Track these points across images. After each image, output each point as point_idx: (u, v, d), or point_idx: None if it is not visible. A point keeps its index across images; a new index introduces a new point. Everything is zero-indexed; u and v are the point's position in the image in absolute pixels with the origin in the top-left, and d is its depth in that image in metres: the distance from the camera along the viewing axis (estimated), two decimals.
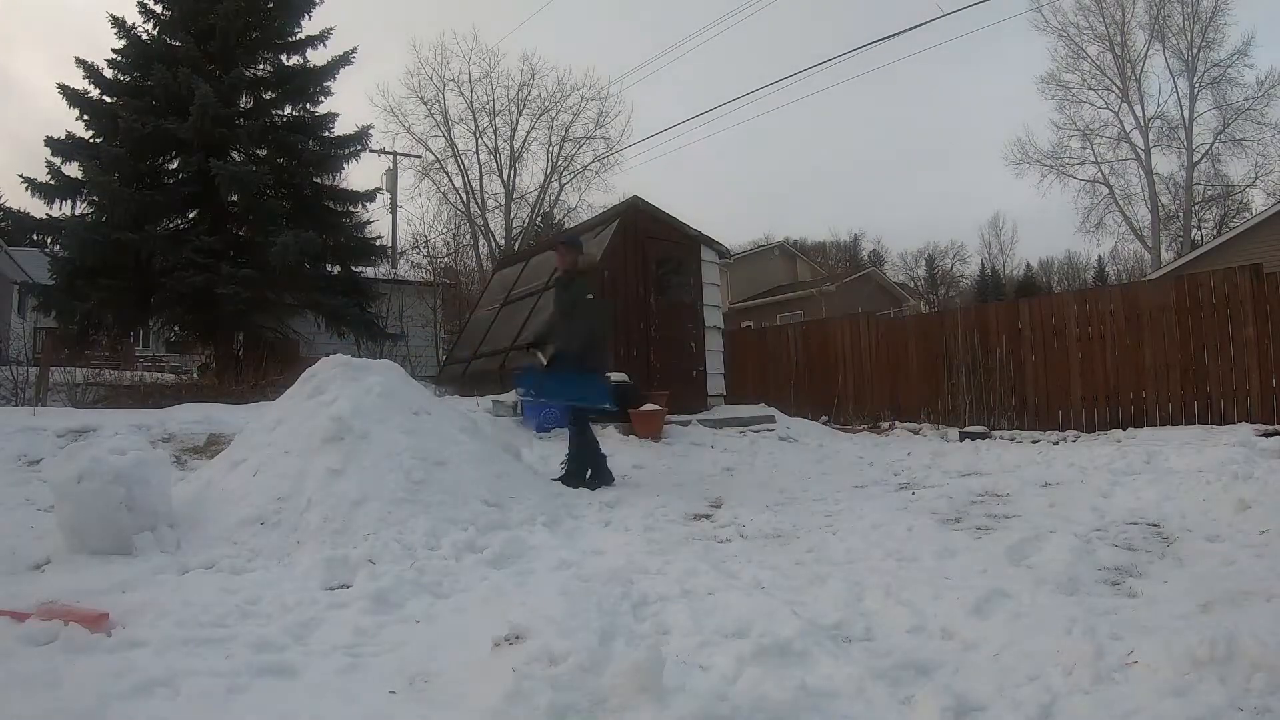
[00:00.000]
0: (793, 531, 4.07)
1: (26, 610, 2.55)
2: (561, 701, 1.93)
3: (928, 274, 53.52)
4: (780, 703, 1.98)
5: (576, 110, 26.20)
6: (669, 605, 2.79)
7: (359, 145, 12.97)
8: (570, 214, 26.29)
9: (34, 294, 12.52)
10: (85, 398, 8.54)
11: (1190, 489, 4.71)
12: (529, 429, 7.34)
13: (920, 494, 5.28)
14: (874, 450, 7.91)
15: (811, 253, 44.90)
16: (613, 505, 4.74)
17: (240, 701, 2.05)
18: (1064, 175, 28.15)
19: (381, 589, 2.93)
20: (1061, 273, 53.58)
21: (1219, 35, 25.08)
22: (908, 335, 11.17)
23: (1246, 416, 7.73)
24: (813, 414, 10.77)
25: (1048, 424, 9.10)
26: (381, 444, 4.12)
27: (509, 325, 10.30)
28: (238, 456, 4.26)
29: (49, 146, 11.43)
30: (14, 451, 5.47)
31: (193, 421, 6.58)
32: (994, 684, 2.14)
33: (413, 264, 22.73)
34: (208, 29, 11.71)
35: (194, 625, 2.54)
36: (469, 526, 3.76)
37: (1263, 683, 1.95)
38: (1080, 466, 6.07)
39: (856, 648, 2.45)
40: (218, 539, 3.52)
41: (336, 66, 12.72)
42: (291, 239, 10.60)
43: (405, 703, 2.09)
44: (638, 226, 9.24)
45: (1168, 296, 8.51)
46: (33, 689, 2.02)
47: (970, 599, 2.75)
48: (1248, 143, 25.30)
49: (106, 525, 3.32)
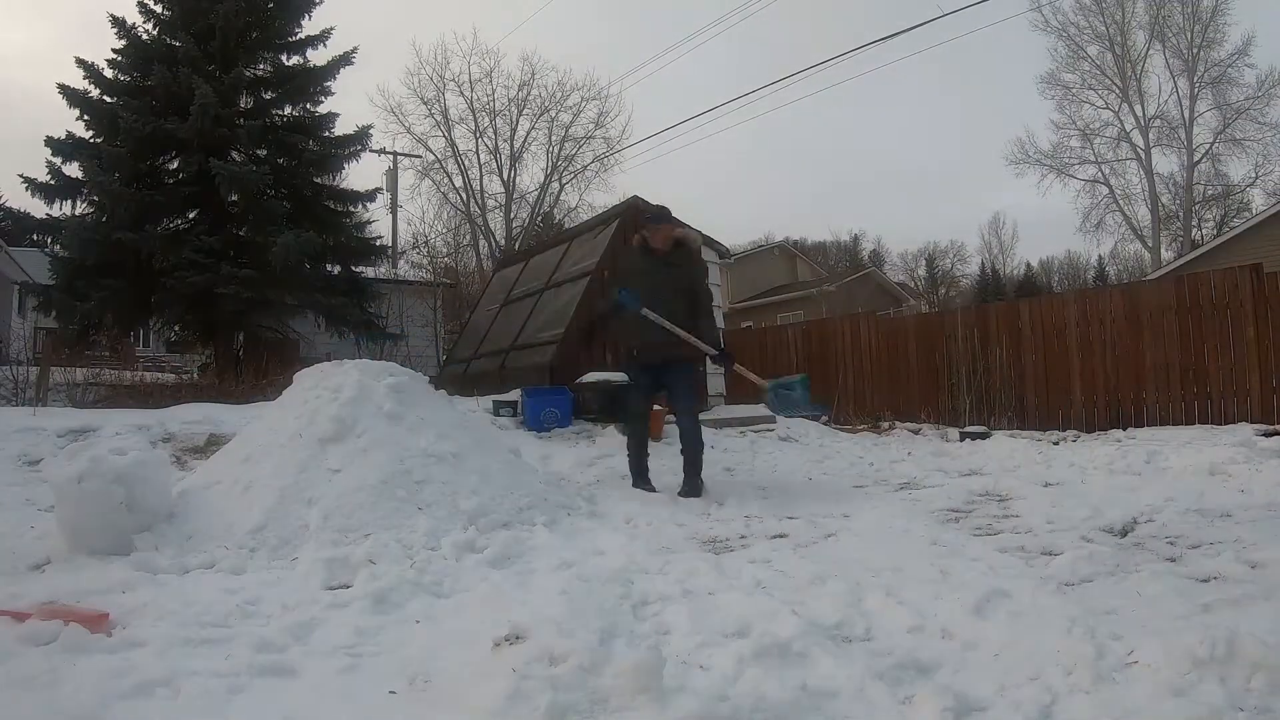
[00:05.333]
0: (793, 532, 4.07)
1: (27, 610, 2.55)
2: (562, 701, 1.93)
3: (928, 274, 53.51)
4: (780, 703, 1.98)
5: (576, 110, 26.25)
6: (669, 605, 2.79)
7: (359, 145, 12.99)
8: (570, 214, 26.32)
9: (34, 294, 12.53)
10: (85, 398, 8.54)
11: (1190, 488, 4.72)
12: (529, 429, 7.34)
13: (920, 494, 5.28)
14: (874, 450, 7.91)
15: (811, 253, 44.93)
16: (613, 506, 4.73)
17: (240, 701, 2.05)
18: (1064, 175, 28.21)
19: (382, 589, 2.93)
20: (1061, 273, 53.67)
21: (1219, 35, 25.13)
22: (908, 335, 11.16)
23: (1246, 416, 7.72)
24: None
25: (1048, 424, 9.09)
26: (382, 443, 4.12)
27: (509, 325, 10.30)
28: (238, 456, 4.26)
29: (49, 146, 11.45)
30: (14, 451, 5.47)
31: (193, 421, 6.57)
32: (994, 684, 2.14)
33: (413, 264, 22.78)
34: (208, 29, 11.72)
35: (194, 625, 2.54)
36: (469, 526, 3.76)
37: (1263, 683, 1.95)
38: (1080, 466, 6.08)
39: (857, 648, 2.45)
40: (218, 539, 3.52)
41: (336, 66, 12.73)
42: (292, 239, 10.61)
43: (405, 703, 2.09)
44: (638, 227, 9.22)
45: (1168, 296, 8.51)
46: (33, 689, 2.02)
47: (970, 599, 2.75)
48: (1248, 143, 25.36)
49: (106, 525, 3.31)
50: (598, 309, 5.42)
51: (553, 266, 10.16)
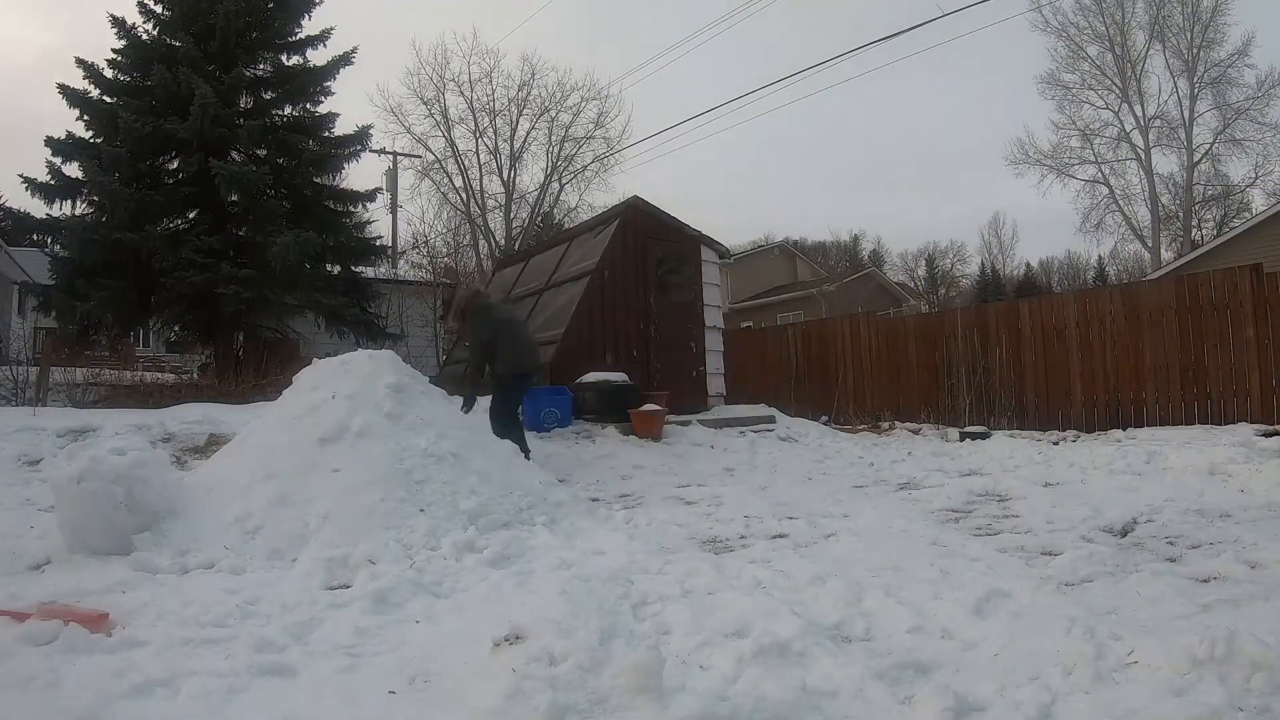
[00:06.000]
0: (793, 532, 4.07)
1: (27, 610, 2.55)
2: (561, 701, 1.93)
3: (928, 274, 53.48)
4: (780, 702, 1.98)
5: (576, 110, 26.15)
6: (669, 605, 2.79)
7: (359, 145, 12.97)
8: (570, 214, 26.28)
9: (34, 294, 12.51)
10: (85, 398, 8.55)
11: (1190, 488, 4.72)
12: (529, 429, 7.34)
13: (920, 494, 5.28)
14: (874, 450, 7.91)
15: (811, 253, 44.93)
16: (613, 505, 4.74)
17: (240, 701, 2.05)
18: (1064, 175, 28.15)
19: (381, 589, 2.93)
20: (1061, 273, 53.64)
21: (1219, 35, 25.07)
22: (908, 335, 11.17)
23: (1246, 416, 7.73)
24: (813, 414, 10.77)
25: (1048, 424, 9.09)
26: (382, 443, 4.12)
27: None
28: (238, 456, 4.26)
29: (49, 146, 11.43)
30: (14, 451, 5.47)
31: (193, 421, 6.58)
32: (994, 684, 2.14)
33: (413, 264, 22.73)
34: (208, 29, 11.71)
35: (194, 625, 2.54)
36: (469, 526, 3.76)
37: (1263, 683, 1.95)
38: (1080, 466, 6.08)
39: (856, 647, 2.45)
40: (218, 539, 3.52)
41: (336, 66, 12.72)
42: (292, 239, 10.60)
43: (405, 703, 2.09)
44: (638, 226, 9.23)
45: (1168, 296, 8.51)
46: (33, 689, 2.02)
47: (970, 599, 2.76)
48: (1248, 143, 25.30)
49: (106, 525, 3.32)
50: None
51: (552, 267, 10.17)
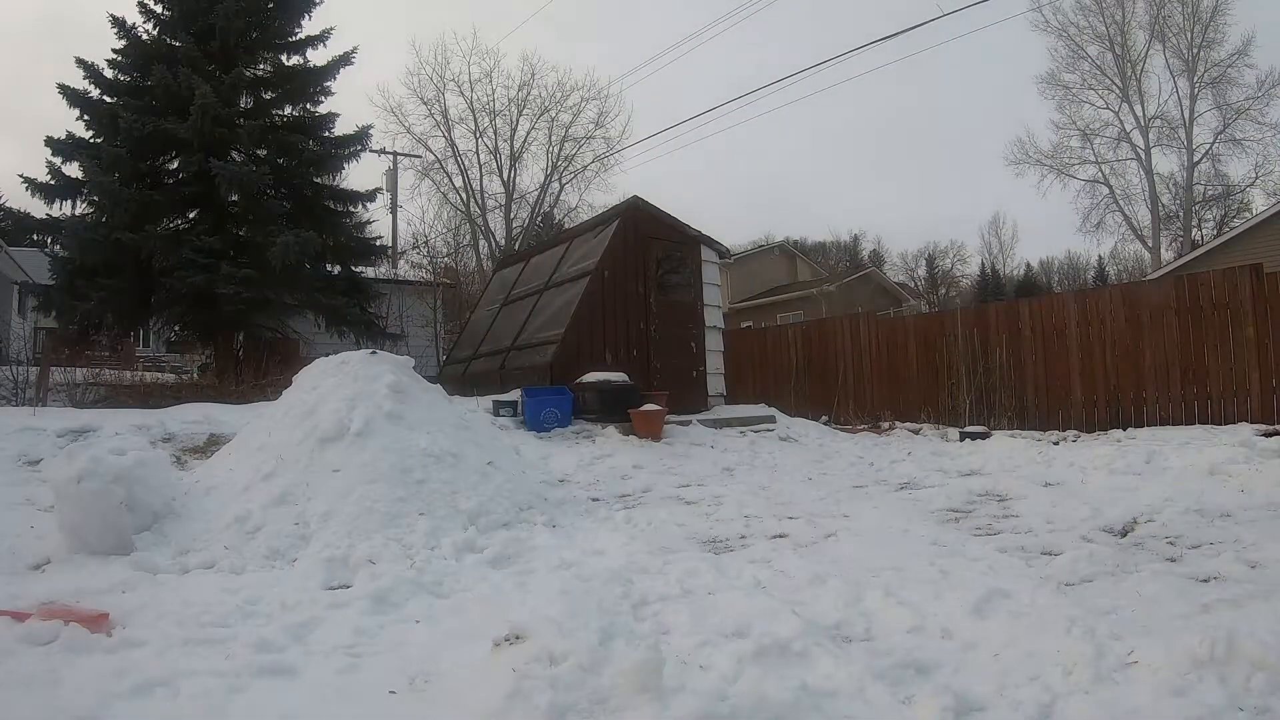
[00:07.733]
0: (793, 532, 4.07)
1: (27, 610, 2.55)
2: (561, 701, 1.93)
3: (928, 274, 53.47)
4: (780, 702, 1.98)
5: (576, 110, 26.16)
6: (669, 605, 2.79)
7: (359, 145, 12.97)
8: (570, 214, 26.29)
9: (34, 294, 12.53)
10: (85, 398, 8.54)
11: (1190, 488, 4.72)
12: (529, 429, 7.34)
13: (920, 494, 5.28)
14: (874, 450, 7.91)
15: (811, 253, 44.89)
16: (613, 505, 4.74)
17: (240, 701, 2.05)
18: (1064, 175, 28.16)
19: (381, 589, 2.93)
20: (1061, 273, 53.67)
21: (1219, 35, 25.08)
22: (908, 335, 11.16)
23: (1246, 416, 7.73)
24: (813, 414, 10.77)
25: (1048, 424, 9.09)
26: (382, 443, 4.12)
27: (509, 325, 10.31)
28: (238, 456, 4.26)
29: (49, 146, 11.43)
30: (14, 451, 5.47)
31: (193, 421, 6.58)
32: (994, 684, 2.14)
33: (413, 264, 22.73)
34: (208, 29, 11.71)
35: (194, 625, 2.54)
36: (469, 526, 3.76)
37: (1263, 683, 1.95)
38: (1080, 466, 6.07)
39: (856, 647, 2.45)
40: (218, 539, 3.52)
41: (336, 66, 12.72)
42: (292, 239, 10.60)
43: (405, 703, 2.09)
44: (638, 226, 9.24)
45: (1168, 296, 8.51)
46: (33, 689, 2.02)
47: (970, 599, 2.76)
48: (1248, 143, 25.31)
49: (106, 525, 3.32)
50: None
51: (552, 266, 10.17)
